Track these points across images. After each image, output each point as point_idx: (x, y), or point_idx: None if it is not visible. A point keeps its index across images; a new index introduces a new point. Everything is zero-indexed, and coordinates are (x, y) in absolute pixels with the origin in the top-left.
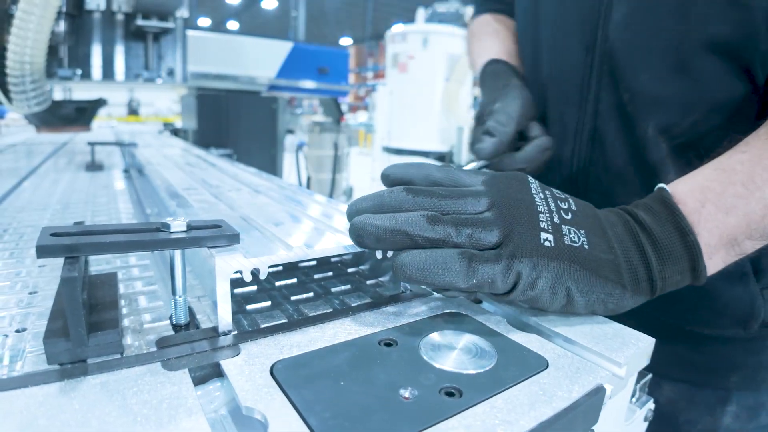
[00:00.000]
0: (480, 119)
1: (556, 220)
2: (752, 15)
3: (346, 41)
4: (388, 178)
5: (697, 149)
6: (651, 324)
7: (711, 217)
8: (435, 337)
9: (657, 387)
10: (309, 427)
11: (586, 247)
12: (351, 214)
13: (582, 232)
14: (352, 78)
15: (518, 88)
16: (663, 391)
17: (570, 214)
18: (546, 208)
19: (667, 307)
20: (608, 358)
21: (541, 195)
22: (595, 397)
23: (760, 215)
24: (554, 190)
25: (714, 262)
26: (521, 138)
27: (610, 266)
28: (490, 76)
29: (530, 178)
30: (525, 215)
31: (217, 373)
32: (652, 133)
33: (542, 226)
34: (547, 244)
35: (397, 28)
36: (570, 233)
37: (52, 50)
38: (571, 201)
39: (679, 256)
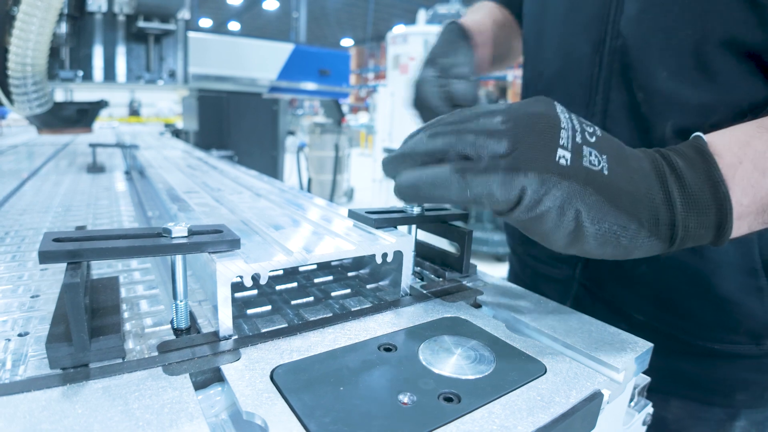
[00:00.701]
0: (434, 63)
1: (578, 139)
2: None
3: (347, 42)
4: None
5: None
6: (661, 340)
7: (747, 175)
8: (434, 342)
9: (665, 404)
10: (308, 431)
11: (606, 172)
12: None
13: (604, 157)
14: (353, 79)
15: (468, 48)
16: (671, 408)
17: (594, 137)
18: (570, 125)
19: (678, 322)
20: (606, 363)
21: (566, 114)
22: (593, 402)
23: None
24: (581, 117)
25: (740, 225)
26: None
27: (629, 198)
28: (444, 33)
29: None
30: (544, 129)
31: (218, 377)
32: (670, 135)
33: (561, 142)
34: (562, 161)
35: (398, 29)
36: (590, 155)
37: (54, 52)
38: (597, 128)
39: (707, 207)
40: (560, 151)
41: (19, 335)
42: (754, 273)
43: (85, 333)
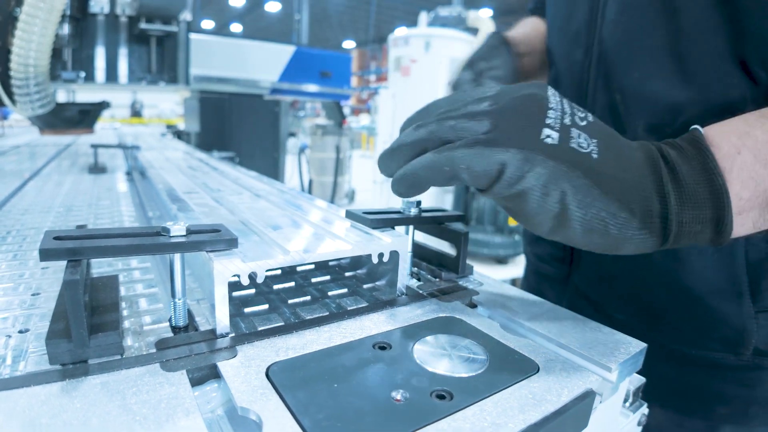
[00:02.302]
0: (471, 66)
1: (566, 121)
2: (744, 12)
3: (349, 44)
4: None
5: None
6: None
7: (747, 167)
8: (428, 340)
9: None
10: (302, 427)
11: (595, 156)
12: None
13: (594, 140)
14: (354, 81)
15: (509, 54)
16: (653, 414)
17: (585, 122)
18: (559, 107)
19: (654, 322)
20: (599, 362)
21: (558, 98)
22: (585, 401)
23: None
24: (574, 104)
25: (743, 221)
26: None
27: (620, 185)
28: (485, 41)
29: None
30: (530, 108)
31: (215, 374)
32: (642, 133)
33: (548, 122)
34: (548, 140)
35: (400, 31)
36: (579, 137)
37: (56, 53)
38: (590, 114)
39: (703, 200)
40: (546, 131)
41: (20, 332)
42: (735, 277)
43: (85, 330)
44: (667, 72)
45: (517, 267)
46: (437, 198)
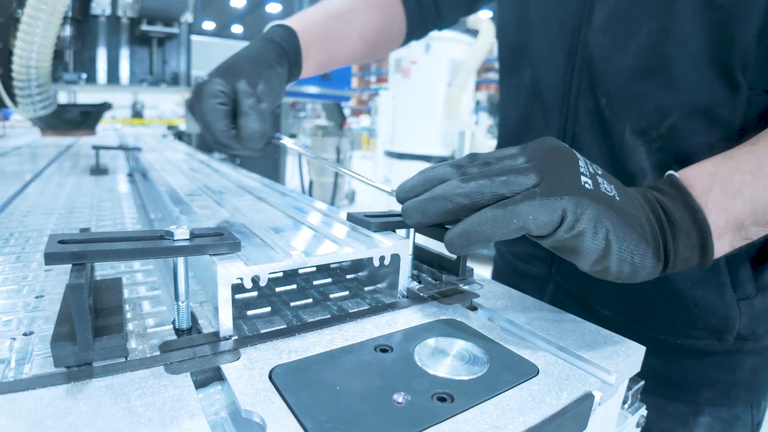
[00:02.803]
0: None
1: (591, 170)
2: (728, 18)
3: None
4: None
5: (675, 155)
6: (626, 335)
7: (718, 200)
8: (429, 343)
9: None
10: (305, 429)
11: (618, 198)
12: (400, 196)
13: (612, 186)
14: (355, 82)
15: (283, 79)
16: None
17: (601, 170)
18: (582, 157)
19: (641, 316)
20: (598, 365)
21: (575, 151)
22: (584, 403)
23: (767, 202)
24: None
25: (721, 244)
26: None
27: (637, 221)
28: (263, 44)
29: None
30: (564, 162)
31: (218, 376)
32: (629, 137)
33: (581, 170)
34: (587, 186)
35: None
36: (603, 183)
37: (58, 54)
38: (599, 168)
39: (690, 232)
40: (583, 178)
41: (24, 334)
42: (716, 269)
43: (89, 332)
44: (653, 74)
45: None
46: None
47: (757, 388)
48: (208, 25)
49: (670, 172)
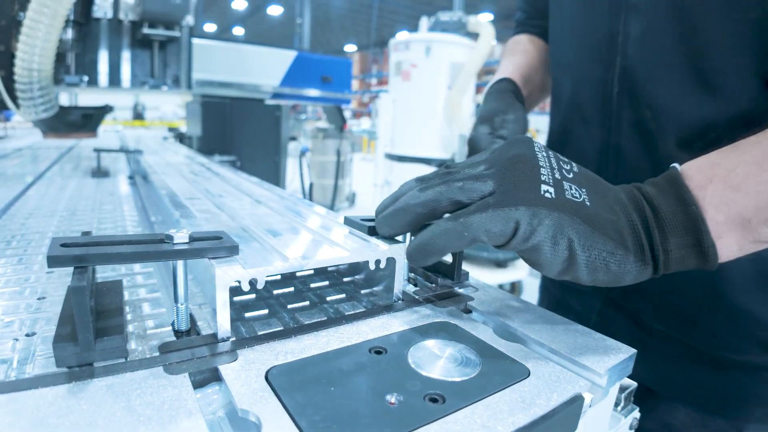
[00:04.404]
0: (488, 121)
1: (557, 175)
2: None
3: (350, 48)
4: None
5: None
6: (679, 349)
7: (718, 194)
8: (423, 345)
9: (673, 411)
10: (300, 429)
11: (588, 203)
12: (376, 211)
13: (583, 190)
14: (356, 84)
15: (522, 109)
16: (678, 415)
17: (572, 173)
18: (548, 164)
19: (694, 330)
20: (589, 368)
21: (544, 153)
22: (573, 405)
23: None
24: (558, 154)
25: (726, 243)
26: None
27: (612, 225)
28: (497, 91)
29: (534, 140)
30: (524, 169)
31: (216, 377)
32: (675, 149)
33: (543, 178)
34: (547, 195)
35: (401, 36)
36: (571, 188)
37: (60, 57)
38: (573, 164)
39: (681, 227)
40: (544, 186)
41: (27, 335)
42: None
43: (91, 334)
44: (694, 88)
45: (516, 270)
46: None
47: None
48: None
49: (673, 164)
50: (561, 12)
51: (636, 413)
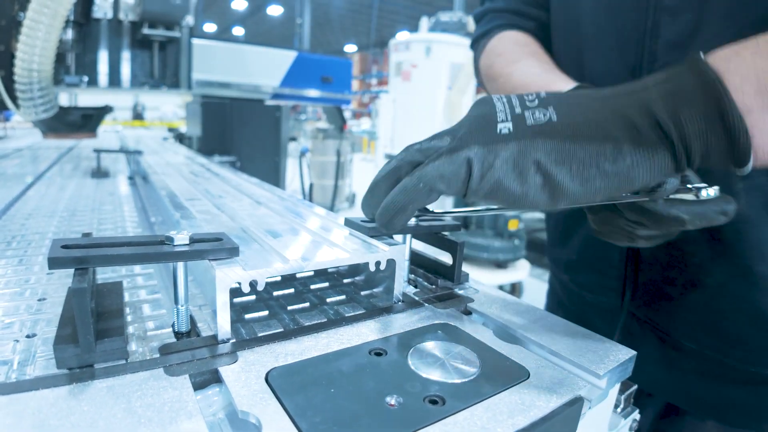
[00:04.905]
0: None
1: (517, 111)
2: None
3: (350, 48)
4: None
5: (763, 170)
6: (711, 366)
7: (746, 63)
8: (423, 347)
9: (701, 425)
10: (300, 430)
11: (554, 119)
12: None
13: (549, 108)
14: (356, 85)
15: None
16: (706, 429)
17: (537, 101)
18: (506, 105)
19: (730, 347)
20: (588, 369)
21: (504, 99)
22: (573, 407)
23: None
24: (526, 94)
25: (760, 122)
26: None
27: (589, 125)
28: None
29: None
30: (481, 120)
31: (216, 378)
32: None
33: (499, 119)
34: (504, 131)
35: (401, 36)
36: (533, 115)
37: (60, 57)
38: (542, 93)
39: (692, 93)
40: (500, 125)
41: (27, 337)
42: None
43: (91, 335)
44: None
45: (516, 271)
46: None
47: None
48: (209, 27)
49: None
50: (574, 7)
51: (636, 415)
